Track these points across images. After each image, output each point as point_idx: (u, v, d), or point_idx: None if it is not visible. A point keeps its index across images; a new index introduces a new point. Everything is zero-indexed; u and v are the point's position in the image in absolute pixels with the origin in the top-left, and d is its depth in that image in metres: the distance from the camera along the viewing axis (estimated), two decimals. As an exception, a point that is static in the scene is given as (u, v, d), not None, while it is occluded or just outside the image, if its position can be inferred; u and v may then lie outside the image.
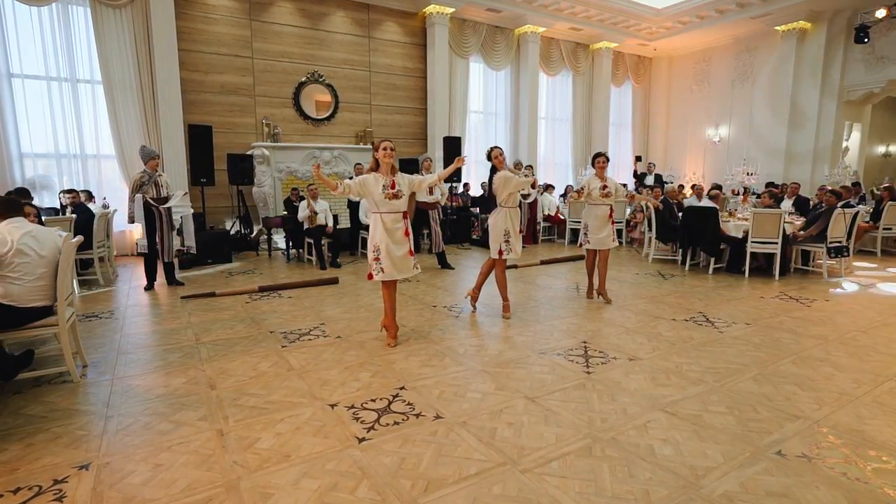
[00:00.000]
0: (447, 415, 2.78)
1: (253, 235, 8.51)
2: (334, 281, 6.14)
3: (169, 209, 5.77)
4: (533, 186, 6.35)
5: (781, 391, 3.11)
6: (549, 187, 10.68)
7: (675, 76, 13.95)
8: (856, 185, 9.41)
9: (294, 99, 9.27)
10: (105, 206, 7.30)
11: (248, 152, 8.64)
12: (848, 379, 3.30)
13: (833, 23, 10.95)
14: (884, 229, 8.25)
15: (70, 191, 6.64)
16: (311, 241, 7.24)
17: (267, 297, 5.49)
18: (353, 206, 8.10)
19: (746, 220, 6.76)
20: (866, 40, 10.38)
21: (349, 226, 7.83)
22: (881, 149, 17.03)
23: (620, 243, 9.49)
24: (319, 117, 9.57)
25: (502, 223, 4.55)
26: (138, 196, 5.61)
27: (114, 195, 8.03)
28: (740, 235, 6.64)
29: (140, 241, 6.05)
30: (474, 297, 4.90)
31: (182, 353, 3.77)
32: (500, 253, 4.56)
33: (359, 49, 9.85)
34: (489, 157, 4.58)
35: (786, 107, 11.48)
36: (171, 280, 6.01)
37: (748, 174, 10.75)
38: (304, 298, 5.41)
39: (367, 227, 8.10)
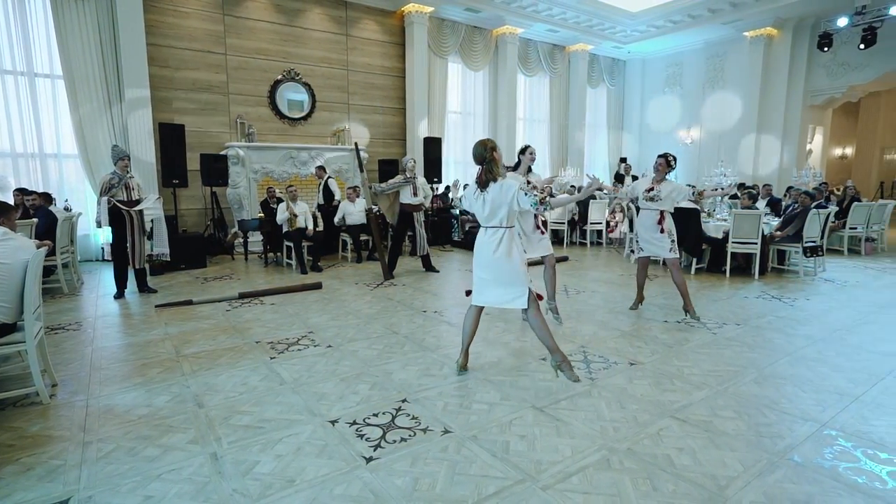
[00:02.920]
0: (455, 428, 2.66)
1: (228, 239, 8.17)
2: (318, 286, 5.93)
3: (141, 213, 5.45)
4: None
5: (783, 393, 3.12)
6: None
7: (649, 79, 14.19)
8: (824, 184, 9.74)
9: (269, 97, 8.96)
10: (67, 209, 6.86)
11: (222, 152, 8.29)
12: (843, 379, 3.34)
13: (798, 30, 11.33)
14: (850, 228, 8.56)
15: (24, 190, 6.20)
16: (291, 244, 6.99)
17: (248, 303, 5.24)
18: (327, 210, 7.89)
19: (726, 220, 6.89)
20: (826, 49, 10.79)
21: (321, 228, 7.61)
22: (839, 151, 17.82)
23: (600, 244, 9.56)
24: (296, 116, 9.28)
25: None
26: (104, 199, 5.28)
27: (75, 197, 7.57)
28: (721, 236, 6.75)
29: (109, 247, 5.69)
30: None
31: (162, 367, 3.53)
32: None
33: (336, 47, 9.61)
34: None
35: (754, 110, 11.81)
36: (143, 287, 5.69)
37: (723, 175, 11.00)
38: (288, 305, 5.19)
39: (345, 230, 7.98)
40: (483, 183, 3.15)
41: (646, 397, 3.04)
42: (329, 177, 8.49)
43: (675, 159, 4.78)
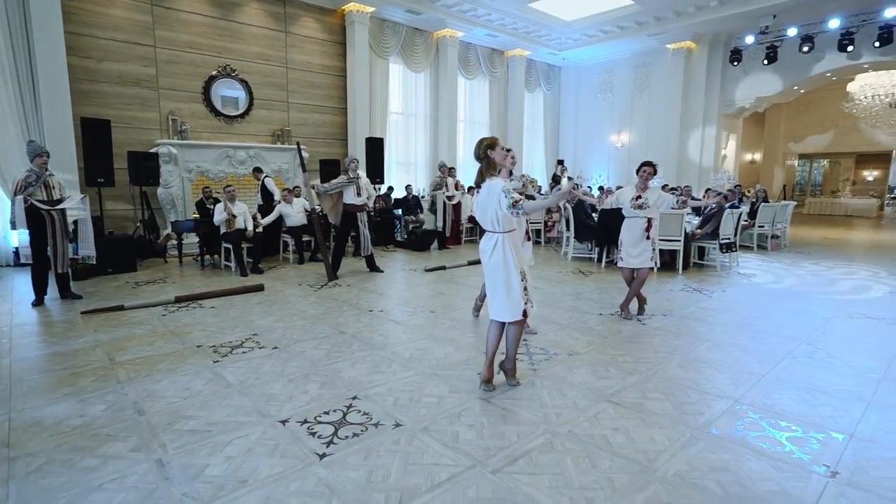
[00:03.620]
0: (407, 421, 2.74)
1: (160, 241, 7.76)
2: (260, 288, 5.79)
3: (63, 213, 5.10)
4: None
5: (703, 375, 3.45)
6: (471, 189, 10.89)
7: (583, 85, 14.88)
8: (738, 186, 10.65)
9: (204, 94, 8.59)
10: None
11: (153, 150, 7.87)
12: (753, 360, 3.73)
13: (713, 45, 12.32)
14: (758, 227, 9.45)
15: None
16: (230, 246, 6.76)
17: (186, 308, 5.04)
18: (268, 211, 7.70)
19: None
20: (736, 64, 11.82)
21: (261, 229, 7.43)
22: (749, 156, 19.47)
23: (538, 243, 9.94)
24: (232, 114, 8.96)
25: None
26: (19, 198, 4.90)
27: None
28: (649, 234, 7.24)
29: (24, 250, 5.28)
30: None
31: (95, 376, 3.35)
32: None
33: (275, 44, 9.37)
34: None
35: (676, 117, 12.70)
36: (66, 293, 5.32)
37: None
38: (229, 308, 5.04)
39: (285, 230, 7.80)
40: (477, 183, 3.05)
41: (584, 384, 3.26)
42: (266, 176, 8.27)
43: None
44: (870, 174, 19.40)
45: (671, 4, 10.75)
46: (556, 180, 12.34)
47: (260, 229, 7.24)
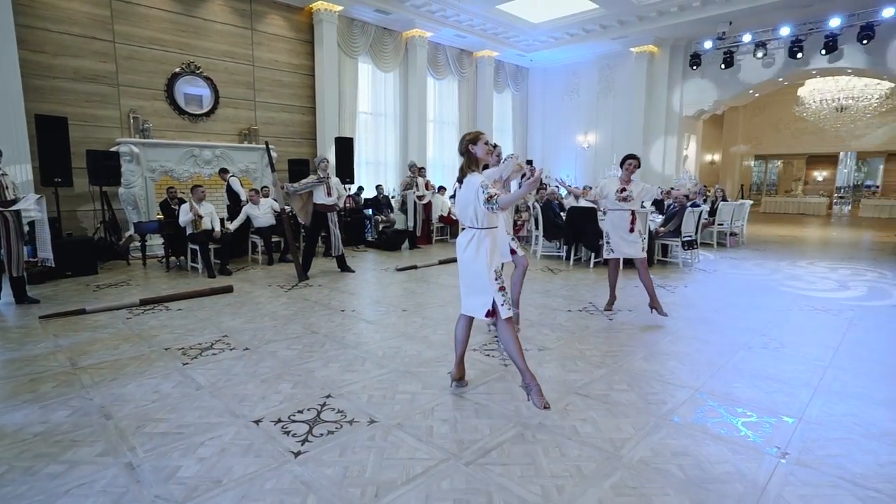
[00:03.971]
0: (381, 418, 2.78)
1: (122, 242, 7.52)
2: (228, 289, 5.69)
3: (17, 214, 4.91)
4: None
5: (667, 367, 3.60)
6: (441, 189, 10.96)
7: (550, 86, 15.14)
8: (703, 186, 11.06)
9: (167, 91, 8.36)
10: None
11: (114, 149, 7.61)
12: (713, 351, 3.91)
13: (674, 49, 12.75)
14: (718, 225, 9.84)
15: None
16: (197, 247, 6.62)
17: (152, 310, 4.92)
18: (235, 212, 7.59)
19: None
20: (695, 67, 12.28)
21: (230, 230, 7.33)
22: (709, 157, 20.20)
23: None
24: (197, 112, 8.75)
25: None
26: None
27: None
28: (614, 232, 7.46)
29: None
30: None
31: (56, 381, 3.25)
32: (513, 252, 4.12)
33: (241, 41, 9.19)
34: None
35: (640, 118, 13.09)
36: (22, 298, 5.11)
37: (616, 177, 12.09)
38: (198, 310, 4.94)
39: (254, 231, 7.67)
40: (459, 179, 2.96)
41: (553, 378, 3.36)
42: (232, 176, 8.13)
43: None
44: (819, 174, 20.44)
45: (634, 9, 11.07)
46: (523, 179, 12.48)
47: (230, 231, 7.10)
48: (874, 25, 9.52)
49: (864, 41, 9.66)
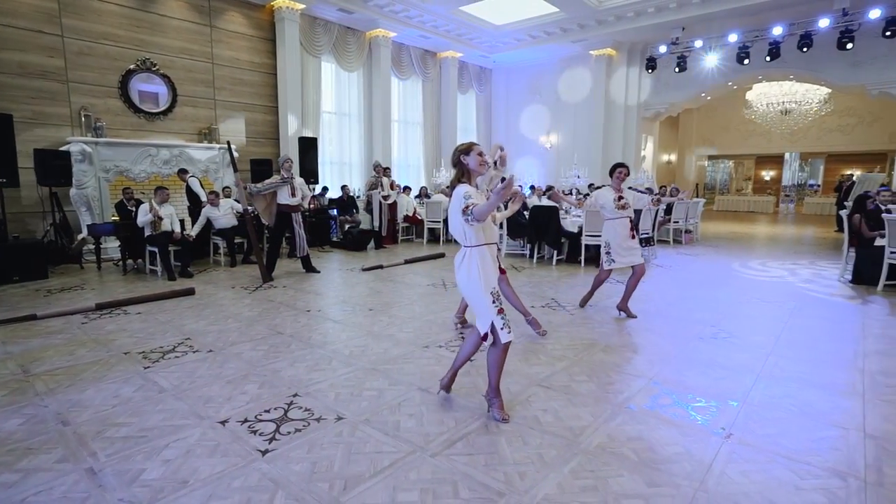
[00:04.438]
0: (348, 415, 2.82)
1: (74, 245, 7.22)
2: (190, 292, 5.58)
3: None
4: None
5: (624, 358, 3.78)
6: (406, 189, 10.99)
7: (513, 87, 15.38)
8: (664, 186, 11.49)
9: (121, 89, 8.07)
10: None
11: (64, 148, 7.30)
12: (666, 342, 4.12)
13: (632, 52, 13.18)
14: (674, 222, 10.25)
15: None
16: (156, 249, 6.44)
17: (109, 315, 4.77)
18: (196, 213, 7.43)
19: (580, 217, 7.86)
20: (651, 71, 12.74)
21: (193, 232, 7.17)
22: (665, 157, 20.95)
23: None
24: (154, 111, 8.48)
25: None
26: None
27: None
28: (576, 230, 7.70)
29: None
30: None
31: (7, 389, 3.14)
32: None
33: (199, 38, 8.97)
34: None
35: (600, 119, 13.48)
36: (-34, 304, 4.87)
37: (577, 177, 12.43)
38: (158, 313, 4.83)
39: (216, 232, 7.50)
40: (450, 189, 2.81)
41: (517, 371, 3.47)
42: (192, 176, 7.95)
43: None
44: (767, 174, 21.50)
45: (593, 13, 11.39)
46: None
47: (191, 237, 6.93)
48: (812, 35, 10.13)
49: (804, 49, 10.26)
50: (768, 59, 10.75)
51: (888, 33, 9.52)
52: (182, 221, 6.99)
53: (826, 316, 4.93)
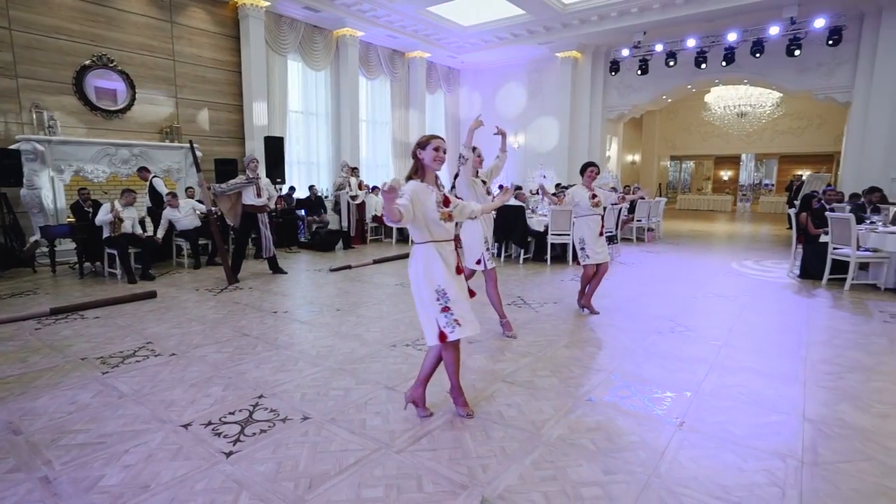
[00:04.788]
0: (314, 414, 2.83)
1: (26, 248, 6.93)
2: (151, 295, 5.44)
3: None
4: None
5: (586, 352, 3.90)
6: (374, 189, 10.96)
7: (481, 87, 15.52)
8: (628, 186, 11.80)
9: (75, 85, 7.77)
10: None
11: (14, 146, 6.99)
12: (627, 337, 4.27)
13: (596, 55, 13.50)
14: (636, 221, 10.57)
15: None
16: (115, 251, 6.24)
17: (65, 320, 4.62)
18: (158, 215, 7.24)
19: (546, 216, 8.02)
20: (614, 73, 13.08)
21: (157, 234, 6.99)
22: (630, 158, 21.50)
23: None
24: (112, 109, 8.20)
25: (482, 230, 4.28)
26: None
27: None
28: (542, 229, 7.85)
29: None
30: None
31: (-46, 398, 3.01)
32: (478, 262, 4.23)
33: (159, 34, 8.72)
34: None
35: (566, 120, 13.74)
36: None
37: (543, 177, 12.64)
38: (117, 317, 4.70)
39: (178, 234, 7.31)
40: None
41: (481, 368, 3.54)
42: (154, 176, 7.74)
43: None
44: (725, 174, 22.33)
45: (558, 16, 11.61)
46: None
47: (151, 233, 6.75)
48: (763, 42, 10.61)
49: (756, 55, 10.74)
50: (724, 63, 11.19)
51: (831, 42, 10.07)
52: (142, 221, 6.79)
53: (775, 309, 5.20)
